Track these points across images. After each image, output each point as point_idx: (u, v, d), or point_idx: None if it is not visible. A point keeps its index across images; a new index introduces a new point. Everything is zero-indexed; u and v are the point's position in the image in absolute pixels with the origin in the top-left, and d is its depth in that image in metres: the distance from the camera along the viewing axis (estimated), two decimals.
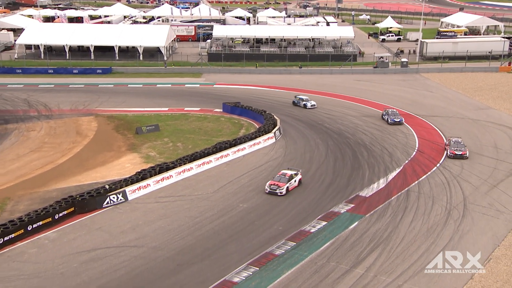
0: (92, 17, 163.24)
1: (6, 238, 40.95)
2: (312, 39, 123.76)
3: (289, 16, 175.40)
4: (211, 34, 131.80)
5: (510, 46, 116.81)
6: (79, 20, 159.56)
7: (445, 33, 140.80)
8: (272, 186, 48.89)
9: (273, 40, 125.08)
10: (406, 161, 58.63)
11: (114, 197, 48.03)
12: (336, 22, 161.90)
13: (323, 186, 52.50)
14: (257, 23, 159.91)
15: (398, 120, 73.19)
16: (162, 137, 67.89)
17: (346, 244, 40.15)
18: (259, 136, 64.55)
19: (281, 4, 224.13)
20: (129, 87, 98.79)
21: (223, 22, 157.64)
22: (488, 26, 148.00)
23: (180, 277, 36.28)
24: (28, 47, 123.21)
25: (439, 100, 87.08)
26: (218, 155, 58.95)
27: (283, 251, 39.23)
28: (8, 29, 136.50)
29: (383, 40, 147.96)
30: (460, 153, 51.34)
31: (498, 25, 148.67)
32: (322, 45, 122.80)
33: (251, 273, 36.09)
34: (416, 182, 52.59)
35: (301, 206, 47.49)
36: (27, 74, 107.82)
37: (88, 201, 46.78)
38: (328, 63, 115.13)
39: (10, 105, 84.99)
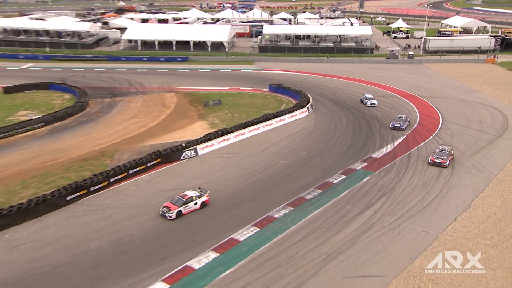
0: (174, 19, 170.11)
1: (114, 179, 44.86)
2: (339, 36, 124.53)
3: (321, 18, 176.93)
4: (262, 31, 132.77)
5: (495, 43, 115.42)
6: (165, 21, 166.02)
7: (444, 32, 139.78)
8: (163, 208, 38.02)
9: (308, 36, 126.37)
10: (409, 131, 60.24)
11: (188, 153, 51.68)
12: (358, 23, 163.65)
13: (344, 149, 54.49)
14: (297, 23, 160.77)
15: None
16: (223, 109, 70.39)
17: (360, 192, 42.97)
18: (296, 110, 66.38)
19: (316, 9, 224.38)
20: (200, 71, 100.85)
21: (271, 22, 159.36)
22: (478, 27, 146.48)
23: (235, 212, 39.53)
24: (130, 41, 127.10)
25: (437, 85, 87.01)
26: (265, 123, 61.24)
27: (312, 196, 42.21)
28: (117, 28, 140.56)
29: (395, 37, 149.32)
30: (440, 161, 47.03)
31: (486, 26, 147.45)
32: (346, 40, 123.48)
33: (288, 212, 39.42)
34: (416, 147, 54.62)
35: (327, 163, 49.98)
36: (129, 61, 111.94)
37: (170, 154, 50.41)
38: (351, 55, 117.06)
39: (117, 84, 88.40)
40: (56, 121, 64.30)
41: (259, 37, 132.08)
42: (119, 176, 44.83)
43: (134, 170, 46.28)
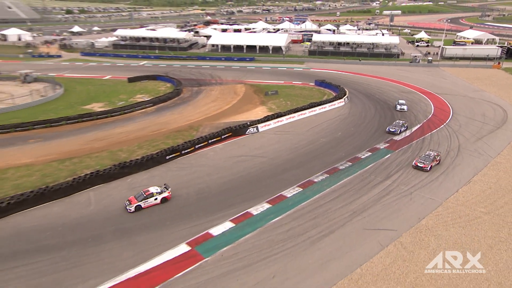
0: (246, 29, 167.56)
1: (198, 146, 46.20)
2: (372, 43, 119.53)
3: (359, 29, 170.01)
4: (311, 39, 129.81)
5: (501, 52, 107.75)
6: (239, 31, 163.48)
7: (459, 42, 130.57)
8: (126, 201, 32.95)
9: (347, 43, 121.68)
10: (424, 120, 56.93)
11: (252, 129, 51.87)
12: (388, 34, 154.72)
13: (371, 132, 52.51)
14: (339, 33, 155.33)
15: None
16: (279, 98, 69.50)
17: (382, 166, 41.83)
18: (335, 100, 64.39)
19: (355, 22, 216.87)
20: (262, 68, 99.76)
21: (318, 32, 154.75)
22: (488, 39, 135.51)
23: (284, 176, 39.63)
24: (213, 45, 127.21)
25: (450, 84, 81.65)
26: (310, 110, 59.70)
27: (344, 167, 41.57)
28: (204, 36, 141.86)
29: (417, 45, 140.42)
30: (421, 165, 39.69)
31: (495, 39, 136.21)
32: (378, 47, 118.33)
33: (324, 178, 39.19)
34: (429, 133, 51.66)
35: (357, 143, 48.55)
36: (211, 60, 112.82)
37: (238, 130, 50.92)
38: (381, 59, 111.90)
39: (202, 76, 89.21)
40: (161, 102, 66.32)
41: (309, 43, 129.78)
42: (201, 144, 46.19)
43: (212, 140, 47.39)
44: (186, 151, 44.17)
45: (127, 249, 27.93)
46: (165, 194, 33.91)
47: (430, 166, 39.80)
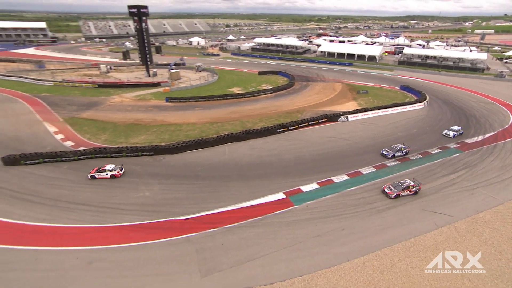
0: (348, 41, 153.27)
1: (301, 125, 45.08)
2: (458, 58, 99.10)
3: (447, 45, 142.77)
4: (402, 51, 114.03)
5: None
6: (343, 42, 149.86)
7: None
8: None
9: (434, 57, 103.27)
10: (500, 129, 45.41)
11: (343, 118, 48.51)
12: (477, 50, 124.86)
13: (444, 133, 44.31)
14: (429, 48, 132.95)
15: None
16: (368, 96, 63.00)
17: (449, 163, 35.17)
18: (416, 103, 55.86)
19: (444, 39, 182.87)
20: (358, 72, 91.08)
21: (409, 46, 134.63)
22: None
23: (363, 157, 36.15)
24: (321, 52, 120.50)
25: None
26: (393, 108, 52.63)
27: (414, 158, 36.21)
28: (316, 44, 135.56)
29: (506, 62, 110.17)
30: (387, 191, 28.19)
31: None
32: (464, 62, 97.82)
33: (396, 164, 34.86)
34: (503, 141, 40.94)
35: (430, 140, 41.33)
36: (319, 63, 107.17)
37: (332, 117, 48.11)
38: (465, 71, 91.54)
39: (310, 74, 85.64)
40: (278, 91, 65.92)
41: (399, 55, 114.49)
42: (303, 124, 45.05)
43: (311, 122, 45.89)
44: (292, 127, 43.79)
45: (245, 188, 29.51)
46: (114, 173, 30.51)
47: (396, 193, 28.00)
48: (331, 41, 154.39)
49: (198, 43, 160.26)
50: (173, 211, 26.08)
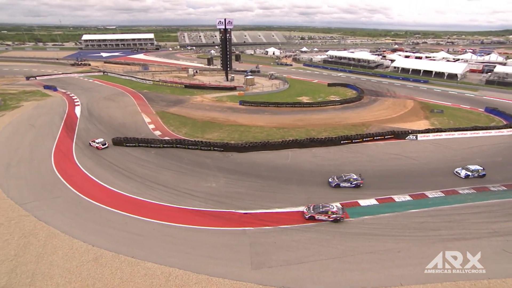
0: (426, 57, 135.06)
1: (366, 139, 41.88)
2: None
3: None
4: (493, 70, 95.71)
5: None
6: (420, 58, 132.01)
7: None
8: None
9: None
10: None
11: (411, 136, 43.44)
12: None
13: None
14: None
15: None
16: (443, 116, 55.02)
17: None
18: (504, 128, 45.95)
19: None
20: (434, 90, 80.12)
21: (504, 64, 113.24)
22: None
23: (430, 179, 31.55)
24: (394, 67, 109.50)
25: None
26: (473, 131, 44.33)
27: (496, 190, 29.55)
28: (389, 59, 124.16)
29: None
30: (307, 213, 24.66)
31: None
32: None
33: (470, 192, 29.24)
34: None
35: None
36: (391, 78, 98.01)
37: (400, 134, 43.59)
38: None
39: (380, 89, 79.13)
40: (346, 103, 62.87)
41: (489, 73, 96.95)
42: (368, 138, 41.95)
43: (377, 137, 42.36)
44: (356, 140, 41.21)
45: (303, 193, 28.87)
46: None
47: (311, 215, 24.27)
48: (407, 56, 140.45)
49: (273, 53, 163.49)
50: (234, 204, 27.05)
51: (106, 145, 38.62)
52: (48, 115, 52.53)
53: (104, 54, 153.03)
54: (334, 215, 24.59)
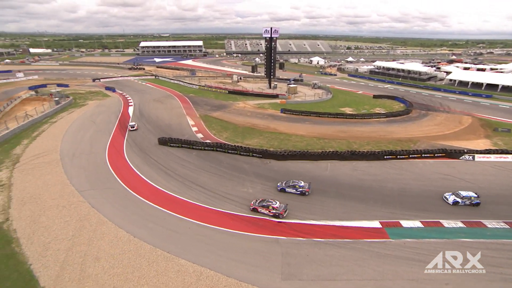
0: (491, 69, 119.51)
1: (412, 156, 38.96)
2: None
3: None
4: None
5: None
6: (483, 70, 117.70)
7: None
8: None
9: None
10: None
11: (467, 156, 39.18)
12: None
13: None
14: None
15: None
16: (510, 135, 48.38)
17: None
18: None
19: None
20: (499, 106, 70.44)
21: None
22: None
23: (489, 207, 27.92)
24: (450, 80, 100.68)
25: None
26: None
27: None
28: (445, 72, 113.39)
29: None
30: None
31: None
32: None
33: (505, 227, 25.42)
34: None
35: None
36: (445, 92, 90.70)
37: (453, 153, 39.73)
38: None
39: (431, 103, 73.24)
40: (392, 116, 59.38)
41: None
42: (415, 155, 38.93)
43: (425, 155, 39.12)
44: (401, 156, 38.53)
45: (340, 207, 27.79)
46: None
47: (253, 207, 25.95)
48: (466, 68, 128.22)
49: (318, 62, 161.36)
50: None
51: (134, 128, 47.04)
52: (106, 113, 58.16)
53: (157, 60, 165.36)
54: (274, 211, 25.88)
